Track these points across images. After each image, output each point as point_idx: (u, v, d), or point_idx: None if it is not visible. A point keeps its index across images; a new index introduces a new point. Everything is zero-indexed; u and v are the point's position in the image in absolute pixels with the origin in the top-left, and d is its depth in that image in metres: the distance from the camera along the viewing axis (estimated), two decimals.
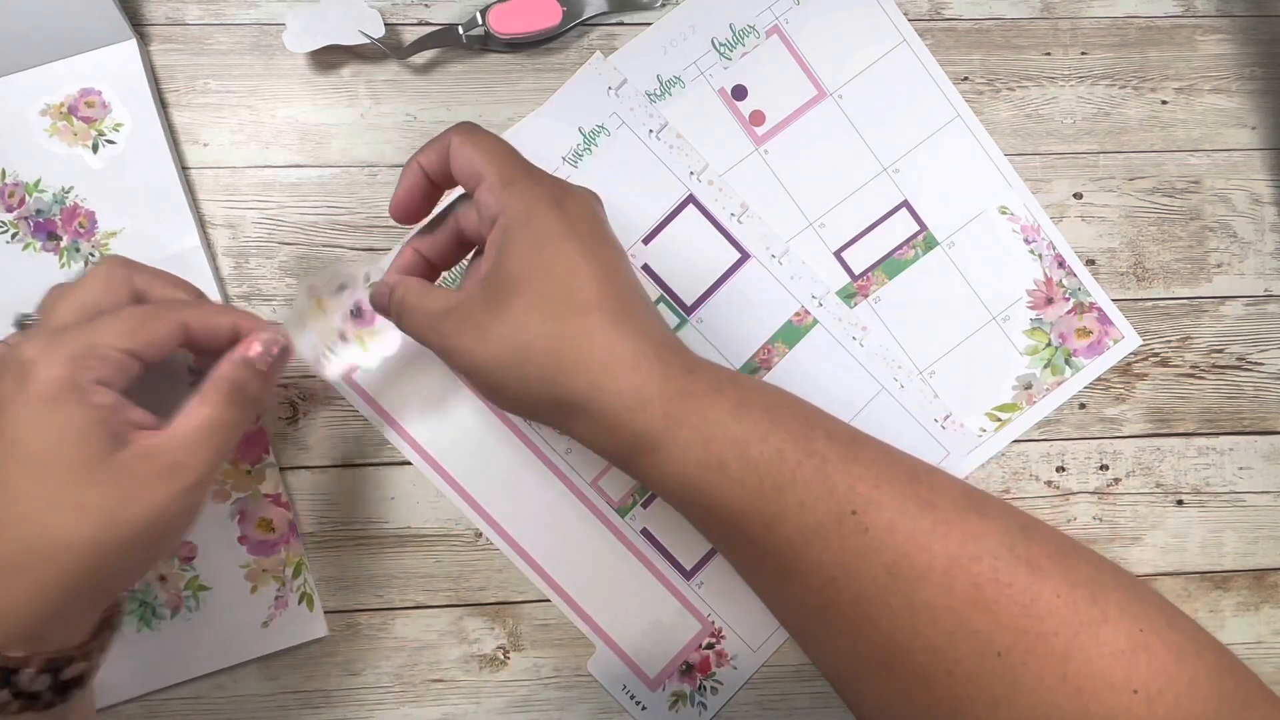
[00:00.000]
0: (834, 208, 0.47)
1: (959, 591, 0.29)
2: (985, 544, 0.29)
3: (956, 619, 0.29)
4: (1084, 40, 0.48)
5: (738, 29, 0.46)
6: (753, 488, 0.30)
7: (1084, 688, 0.28)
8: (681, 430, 0.31)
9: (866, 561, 0.30)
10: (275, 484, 0.44)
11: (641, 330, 0.31)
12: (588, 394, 0.31)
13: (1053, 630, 0.28)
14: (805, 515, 0.30)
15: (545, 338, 0.31)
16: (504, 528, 0.45)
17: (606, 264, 0.32)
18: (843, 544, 0.30)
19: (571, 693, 0.45)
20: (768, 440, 0.30)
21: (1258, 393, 0.48)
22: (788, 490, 0.30)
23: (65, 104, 0.43)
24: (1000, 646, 0.28)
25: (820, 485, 0.30)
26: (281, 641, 0.43)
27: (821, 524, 0.30)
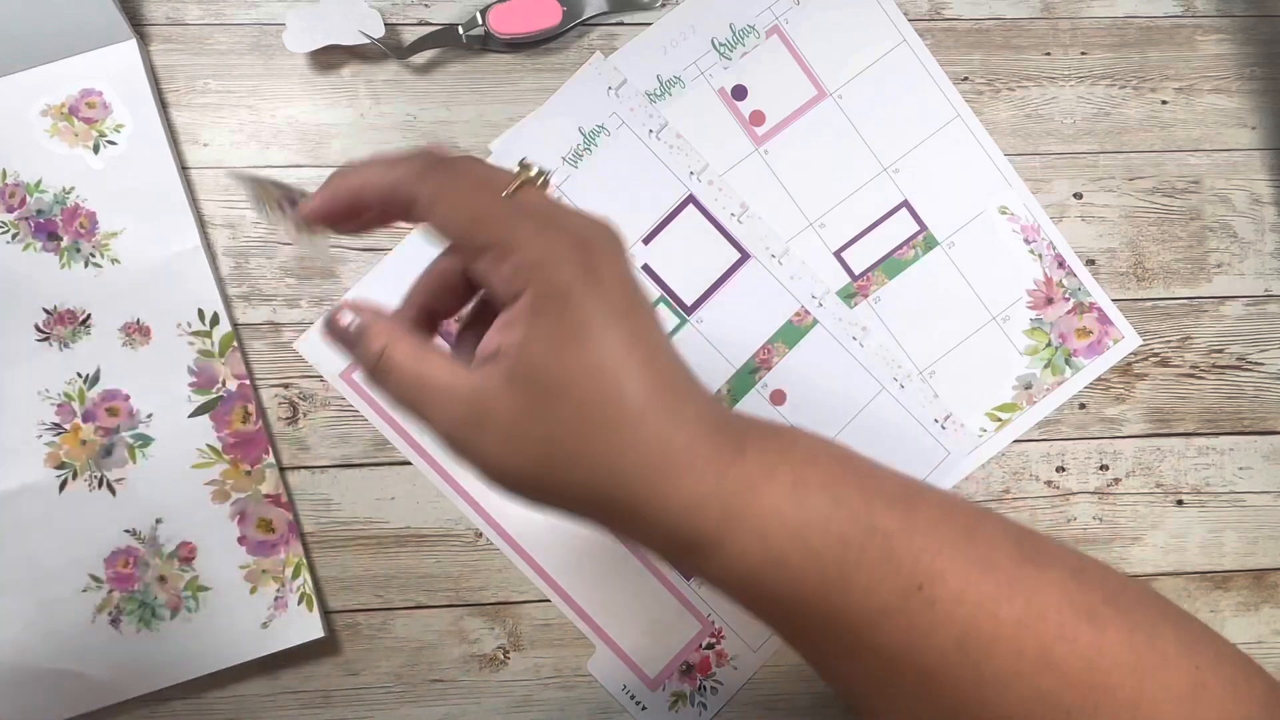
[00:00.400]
0: (834, 208, 0.47)
1: (1028, 655, 0.28)
2: (1048, 600, 0.28)
3: (1027, 683, 0.28)
4: (1084, 40, 0.48)
5: (738, 29, 0.46)
6: (815, 578, 0.28)
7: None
8: (740, 529, 0.27)
9: (934, 638, 0.28)
10: (275, 484, 0.44)
11: (693, 416, 0.27)
12: (641, 500, 0.27)
13: (1118, 682, 0.27)
14: (871, 599, 0.28)
15: (594, 444, 0.26)
16: (504, 528, 0.45)
17: (650, 343, 0.27)
18: (910, 622, 0.28)
19: (571, 693, 0.45)
20: (829, 528, 0.28)
21: (1258, 393, 0.48)
22: (852, 576, 0.28)
23: (66, 104, 0.43)
24: (1069, 704, 0.27)
25: (886, 565, 0.28)
26: (281, 642, 0.43)
27: (887, 604, 0.28)
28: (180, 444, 0.43)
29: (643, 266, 0.45)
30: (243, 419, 0.44)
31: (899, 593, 0.28)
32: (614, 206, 0.45)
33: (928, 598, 0.28)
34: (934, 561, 0.28)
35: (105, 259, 0.43)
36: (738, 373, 0.46)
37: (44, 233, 0.43)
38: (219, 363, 0.44)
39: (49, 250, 0.43)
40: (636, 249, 0.46)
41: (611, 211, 0.45)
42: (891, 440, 0.46)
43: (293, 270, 0.45)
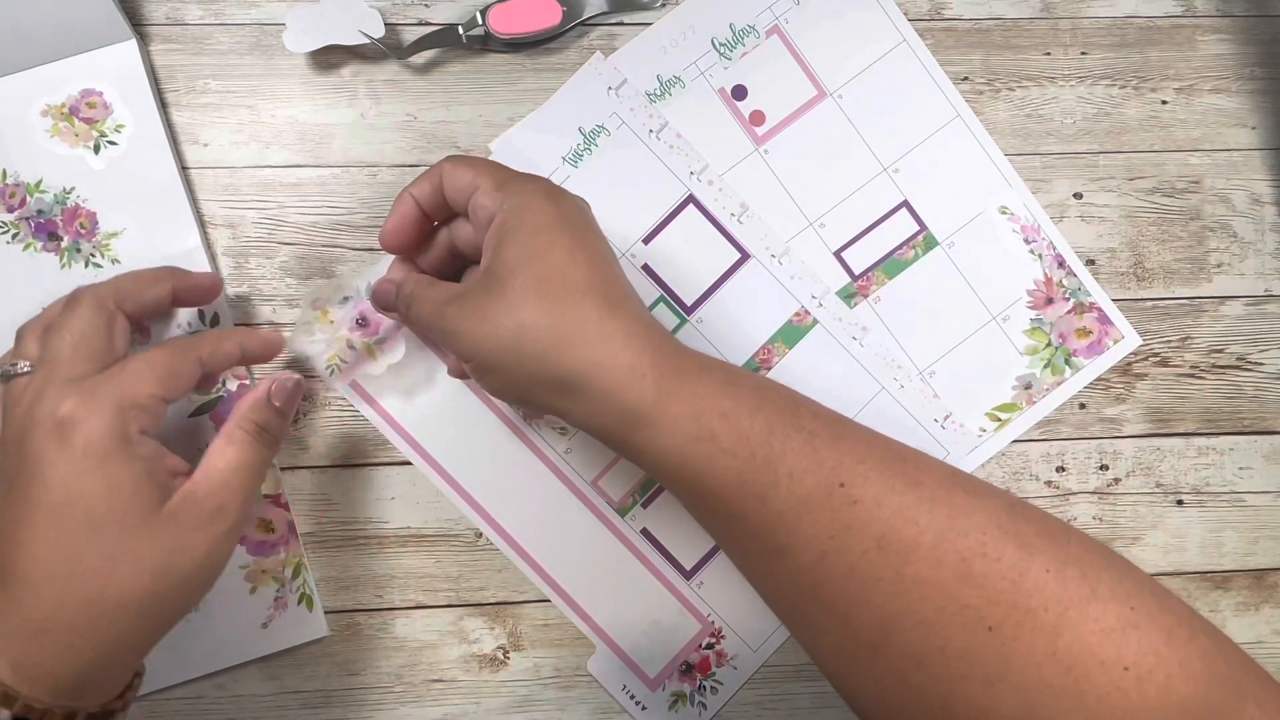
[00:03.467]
0: (834, 208, 0.47)
1: (948, 565, 0.29)
2: (973, 520, 0.30)
3: (946, 594, 0.29)
4: (1084, 40, 0.48)
5: (738, 29, 0.46)
6: (744, 458, 0.31)
7: (1074, 665, 0.28)
8: (674, 403, 0.31)
9: (856, 534, 0.30)
10: (275, 485, 0.44)
11: (633, 312, 0.33)
12: (583, 369, 0.32)
13: (1042, 606, 0.28)
14: (795, 486, 0.30)
15: (542, 316, 0.32)
16: (504, 528, 0.45)
17: (598, 253, 0.34)
18: (833, 516, 0.30)
19: (571, 693, 0.45)
20: (756, 415, 0.31)
21: (1258, 393, 0.48)
22: (778, 461, 0.31)
23: (66, 105, 0.43)
24: (991, 621, 0.29)
25: (809, 457, 0.31)
26: (281, 642, 0.43)
27: (811, 495, 0.30)
28: (180, 444, 0.43)
29: (642, 266, 0.45)
30: None
31: (821, 486, 0.30)
32: (614, 206, 0.45)
33: (849, 495, 0.30)
34: (856, 466, 0.30)
35: (106, 259, 0.43)
36: None
37: (44, 233, 0.43)
38: None
39: (49, 250, 0.43)
40: (636, 249, 0.46)
41: (611, 211, 0.45)
42: None
43: (293, 270, 0.45)
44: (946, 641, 0.29)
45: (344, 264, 0.45)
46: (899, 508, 0.30)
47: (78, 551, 0.30)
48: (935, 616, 0.29)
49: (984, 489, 0.31)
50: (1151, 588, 0.30)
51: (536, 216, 0.33)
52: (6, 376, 0.34)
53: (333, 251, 0.45)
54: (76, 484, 0.31)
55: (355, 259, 0.45)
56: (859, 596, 0.30)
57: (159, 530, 0.31)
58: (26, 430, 0.31)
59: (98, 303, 0.35)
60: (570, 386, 0.32)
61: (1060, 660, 0.28)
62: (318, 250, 0.45)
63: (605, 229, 0.45)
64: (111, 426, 0.31)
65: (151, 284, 0.37)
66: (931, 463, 0.32)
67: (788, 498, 0.31)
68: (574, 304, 0.32)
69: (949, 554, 0.29)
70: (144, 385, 0.33)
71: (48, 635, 0.30)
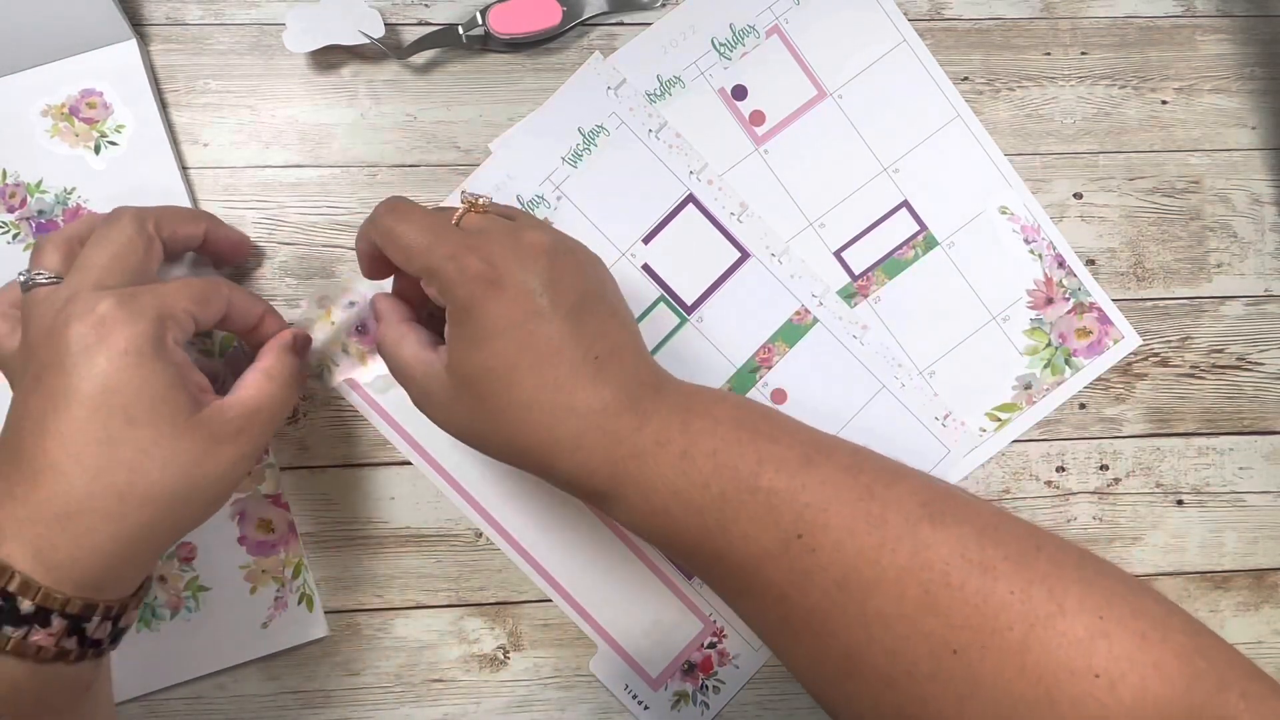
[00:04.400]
0: (834, 208, 0.47)
1: (910, 598, 0.30)
2: (937, 553, 0.30)
3: (909, 624, 0.30)
4: (1084, 40, 0.48)
5: (738, 29, 0.46)
6: (697, 528, 0.32)
7: (1043, 676, 0.28)
8: (626, 490, 0.33)
9: (815, 579, 0.31)
10: (275, 484, 0.44)
11: (585, 408, 0.33)
12: (539, 469, 0.34)
13: (1007, 625, 0.29)
14: (750, 544, 0.32)
15: (492, 430, 0.34)
16: (504, 527, 0.45)
17: (546, 347, 0.33)
18: (791, 564, 0.31)
19: (572, 692, 0.45)
20: (709, 487, 0.32)
21: (1258, 393, 0.48)
22: (730, 526, 0.32)
23: (66, 105, 0.43)
24: (956, 645, 0.29)
25: (765, 517, 0.32)
26: (280, 642, 0.43)
27: (767, 550, 0.32)
28: None
29: (643, 266, 0.45)
30: None
31: (778, 541, 0.31)
32: (614, 206, 0.45)
33: (808, 545, 0.31)
34: (817, 516, 0.31)
35: None
36: (738, 371, 0.46)
37: (45, 233, 0.43)
38: (219, 363, 0.44)
39: None
40: (636, 248, 0.46)
41: (611, 211, 0.45)
42: (892, 438, 0.46)
43: (293, 270, 0.45)
44: (913, 666, 0.30)
45: (344, 264, 0.45)
46: (860, 550, 0.31)
47: (112, 442, 0.31)
48: (900, 644, 0.30)
49: (955, 516, 0.32)
50: (1125, 593, 0.30)
51: (477, 324, 0.33)
52: (29, 285, 0.35)
53: (333, 251, 0.45)
54: (116, 378, 0.31)
55: (355, 259, 0.45)
56: (824, 630, 0.31)
57: (190, 434, 0.32)
58: (63, 326, 0.32)
59: (139, 223, 0.36)
60: (538, 470, 0.35)
61: (1029, 674, 0.29)
62: (318, 250, 0.45)
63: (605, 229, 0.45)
64: (151, 330, 0.32)
65: (190, 220, 0.39)
66: (902, 494, 0.32)
67: (743, 554, 0.32)
68: (520, 419, 0.33)
69: (911, 587, 0.30)
70: (180, 300, 0.34)
71: (74, 523, 0.30)
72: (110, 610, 0.32)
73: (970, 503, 0.33)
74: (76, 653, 0.31)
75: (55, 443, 0.31)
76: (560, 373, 0.33)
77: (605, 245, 0.45)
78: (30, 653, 0.30)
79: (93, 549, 0.31)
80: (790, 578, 0.31)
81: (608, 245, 0.45)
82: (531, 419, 0.33)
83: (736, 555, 0.32)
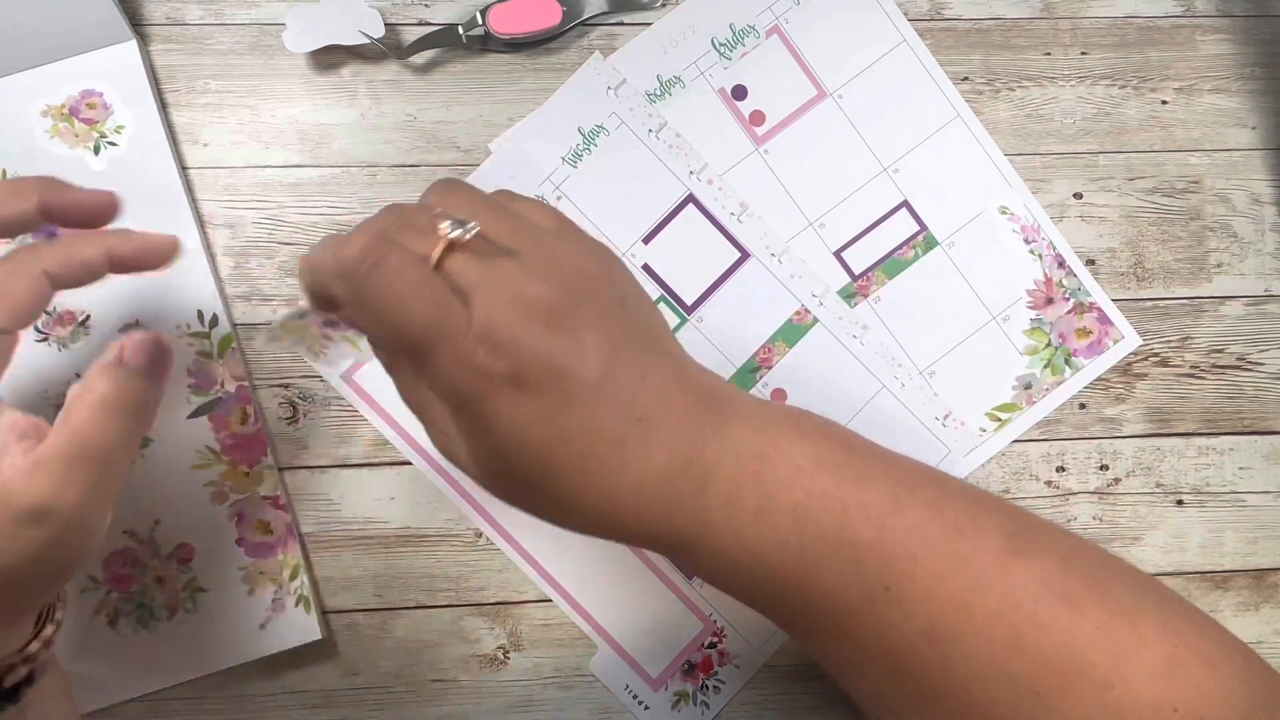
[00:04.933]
0: (834, 208, 0.47)
1: (998, 640, 0.28)
2: (1026, 591, 0.29)
3: (996, 667, 0.28)
4: (1084, 40, 0.48)
5: (738, 29, 0.46)
6: (777, 587, 0.30)
7: (1124, 713, 0.27)
8: (697, 551, 0.30)
9: (901, 630, 0.29)
10: (273, 486, 0.43)
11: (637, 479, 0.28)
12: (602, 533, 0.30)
13: (1092, 663, 0.28)
14: (833, 600, 0.29)
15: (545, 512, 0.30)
16: (504, 527, 0.44)
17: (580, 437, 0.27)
18: (875, 618, 0.29)
19: (572, 693, 0.45)
20: (788, 545, 0.29)
21: (1258, 393, 0.48)
22: (814, 581, 0.29)
23: (66, 105, 0.43)
24: (1040, 687, 0.28)
25: (851, 571, 0.29)
26: (278, 644, 0.43)
27: (850, 605, 0.29)
28: (179, 445, 0.43)
29: (643, 266, 0.45)
30: (241, 420, 0.43)
31: (863, 596, 0.29)
32: (614, 206, 0.45)
33: (895, 597, 0.29)
34: (906, 567, 0.29)
35: None
36: (738, 371, 0.46)
37: (44, 234, 0.43)
38: (218, 364, 0.43)
39: None
40: (636, 248, 0.46)
41: (611, 211, 0.45)
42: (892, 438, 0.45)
43: (293, 270, 0.44)
44: (991, 707, 0.28)
45: None
46: (948, 595, 0.29)
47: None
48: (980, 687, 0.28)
49: (1038, 545, 0.30)
50: (1192, 617, 0.30)
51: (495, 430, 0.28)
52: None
53: None
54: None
55: None
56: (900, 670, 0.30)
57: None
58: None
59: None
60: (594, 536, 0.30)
61: (1109, 711, 0.27)
62: None
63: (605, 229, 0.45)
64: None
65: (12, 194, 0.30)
66: (987, 526, 0.30)
67: (824, 609, 0.29)
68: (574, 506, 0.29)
69: (1000, 630, 0.28)
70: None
71: None
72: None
73: (1044, 526, 0.31)
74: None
75: None
76: (603, 456, 0.28)
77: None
78: None
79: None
80: (874, 630, 0.29)
81: (607, 245, 0.45)
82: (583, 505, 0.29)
83: (817, 611, 0.30)
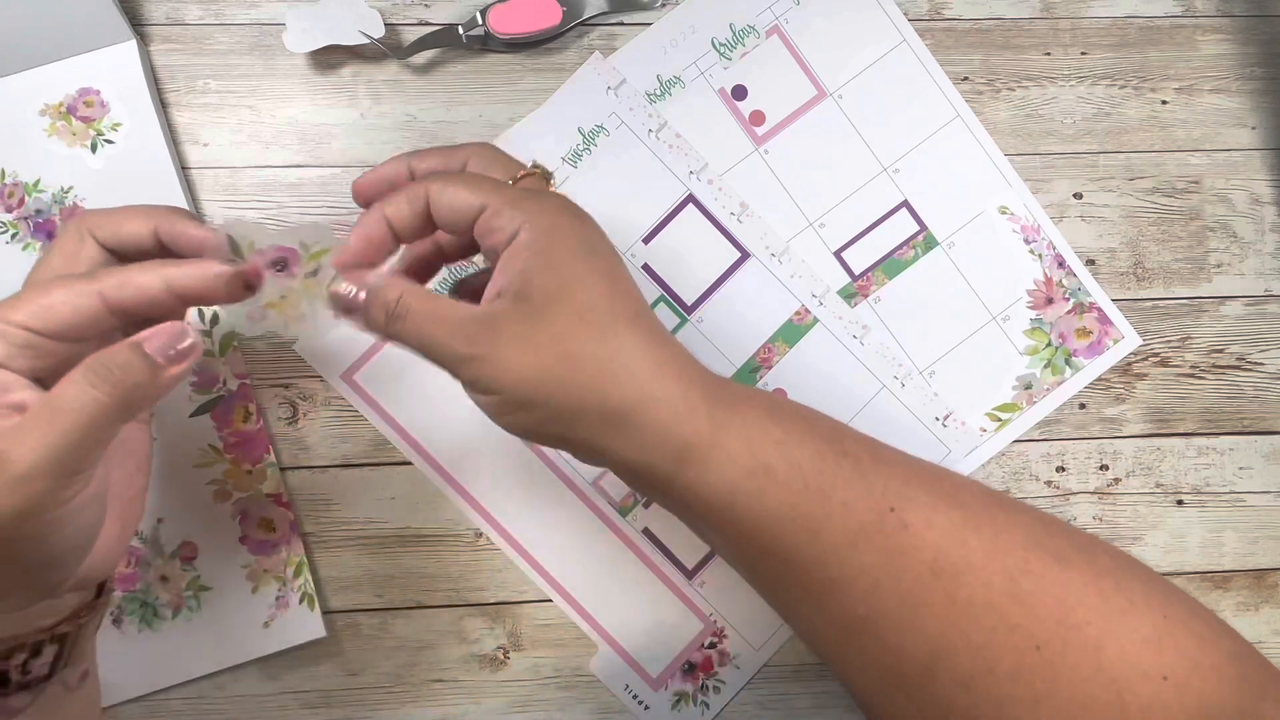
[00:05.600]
0: (834, 208, 0.47)
1: (997, 585, 0.29)
2: (1015, 537, 0.30)
3: (998, 614, 0.29)
4: (1084, 40, 0.48)
5: (738, 29, 0.46)
6: (798, 490, 0.30)
7: (1118, 678, 0.28)
8: (728, 436, 0.30)
9: (909, 560, 0.29)
10: (276, 484, 0.44)
11: (676, 342, 0.31)
12: (636, 400, 0.29)
13: (1085, 620, 0.29)
14: (849, 515, 0.30)
15: (594, 344, 0.29)
16: (504, 527, 0.45)
17: (630, 279, 0.31)
18: (885, 543, 0.30)
19: (571, 693, 0.45)
20: (805, 442, 0.30)
21: (1258, 393, 0.48)
22: (830, 490, 0.30)
23: (64, 104, 0.43)
24: (1039, 640, 0.29)
25: (860, 484, 0.30)
26: (282, 642, 0.43)
27: (864, 524, 0.30)
28: (182, 444, 0.43)
29: (643, 266, 0.45)
30: (244, 418, 0.44)
31: (874, 511, 0.30)
32: (614, 206, 0.45)
33: (900, 520, 0.30)
34: (903, 488, 0.30)
35: None
36: (739, 371, 0.46)
37: (43, 232, 0.43)
38: (220, 362, 0.44)
39: None
40: (636, 248, 0.46)
41: (611, 211, 0.45)
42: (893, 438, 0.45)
43: None
44: (996, 663, 0.29)
45: None
46: (948, 528, 0.30)
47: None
48: (987, 639, 0.29)
49: (1018, 505, 0.31)
50: (1177, 593, 0.30)
51: (569, 240, 0.30)
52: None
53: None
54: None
55: None
56: (911, 623, 0.30)
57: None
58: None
59: (77, 228, 0.32)
60: (620, 420, 0.30)
61: (1105, 674, 0.28)
62: None
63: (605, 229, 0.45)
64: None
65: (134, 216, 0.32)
66: (966, 481, 0.32)
67: (841, 528, 0.30)
68: (626, 334, 0.30)
69: (997, 573, 0.29)
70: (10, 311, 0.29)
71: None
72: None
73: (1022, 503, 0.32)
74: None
75: None
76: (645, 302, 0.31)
77: None
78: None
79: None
80: (884, 559, 0.29)
81: None
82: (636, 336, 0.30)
83: (833, 531, 0.30)
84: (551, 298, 0.29)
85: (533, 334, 0.29)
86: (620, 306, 0.30)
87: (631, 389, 0.29)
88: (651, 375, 0.29)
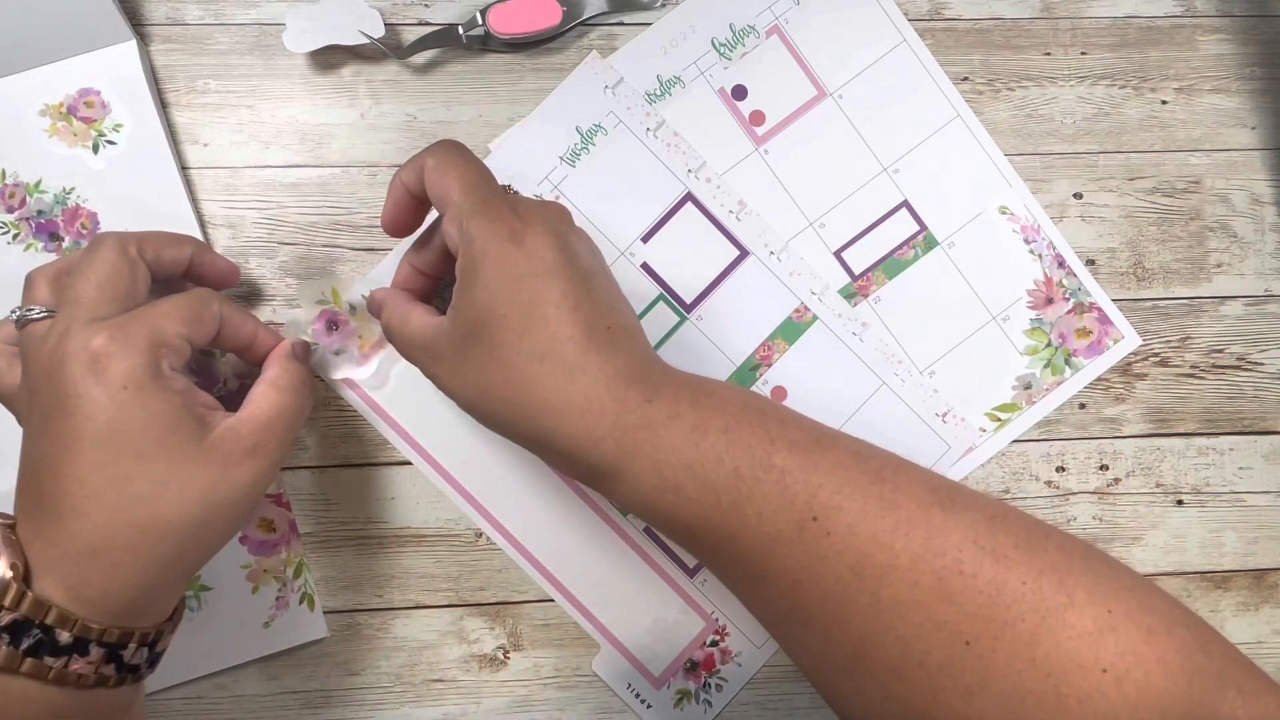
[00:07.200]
0: (834, 208, 0.47)
1: (924, 585, 0.30)
2: (950, 539, 0.30)
3: (924, 612, 0.30)
4: (1084, 40, 0.48)
5: (738, 29, 0.46)
6: (710, 505, 0.32)
7: (1053, 670, 0.29)
8: (635, 461, 0.32)
9: (830, 564, 0.31)
10: (276, 484, 0.44)
11: (596, 369, 0.32)
12: (543, 435, 0.33)
13: (1019, 616, 0.29)
14: (765, 525, 0.31)
15: (501, 383, 0.33)
16: (505, 527, 0.45)
17: (563, 302, 0.32)
18: (805, 549, 0.31)
19: (571, 692, 0.45)
20: (723, 462, 0.31)
21: (1258, 393, 0.48)
22: (745, 504, 0.31)
23: (64, 104, 0.43)
24: (969, 635, 0.29)
25: (779, 497, 0.31)
26: (283, 642, 0.43)
27: (781, 532, 0.31)
28: None
29: (641, 265, 0.45)
30: None
31: (793, 522, 0.31)
32: (612, 205, 0.45)
33: (822, 528, 0.31)
34: (831, 498, 0.31)
35: None
36: (738, 370, 0.46)
37: (45, 233, 0.43)
38: (220, 362, 0.44)
39: (50, 251, 0.43)
40: (635, 247, 0.46)
41: (610, 210, 0.45)
42: (892, 435, 0.46)
43: (293, 270, 0.45)
44: (925, 656, 0.30)
45: (344, 264, 0.45)
46: (873, 534, 0.30)
47: (126, 478, 0.31)
48: (913, 633, 0.30)
49: (964, 503, 0.32)
50: (1132, 586, 0.31)
51: (497, 266, 0.32)
52: (23, 321, 0.35)
53: (333, 251, 0.45)
54: (119, 415, 0.31)
55: (355, 259, 0.45)
56: (836, 617, 0.31)
57: (203, 459, 0.32)
58: (59, 365, 0.32)
59: (121, 247, 0.35)
60: (536, 445, 0.34)
61: (1039, 667, 0.29)
62: (318, 250, 0.45)
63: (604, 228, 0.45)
64: (145, 361, 0.32)
65: (174, 243, 0.38)
66: (912, 481, 0.32)
67: (757, 536, 0.31)
68: (532, 372, 0.32)
69: (925, 574, 0.30)
70: (171, 324, 0.33)
71: (101, 559, 0.31)
72: (146, 636, 0.33)
73: (975, 493, 0.33)
74: (115, 678, 0.32)
75: (72, 485, 0.31)
76: (575, 330, 0.32)
77: (604, 244, 0.45)
78: (70, 680, 0.31)
79: (122, 583, 0.31)
80: (804, 562, 0.31)
81: (606, 244, 0.45)
82: (542, 372, 0.32)
83: (750, 537, 0.31)
84: (472, 329, 0.33)
85: (457, 364, 0.34)
86: (529, 344, 0.32)
87: (536, 424, 0.33)
88: (555, 412, 0.32)
